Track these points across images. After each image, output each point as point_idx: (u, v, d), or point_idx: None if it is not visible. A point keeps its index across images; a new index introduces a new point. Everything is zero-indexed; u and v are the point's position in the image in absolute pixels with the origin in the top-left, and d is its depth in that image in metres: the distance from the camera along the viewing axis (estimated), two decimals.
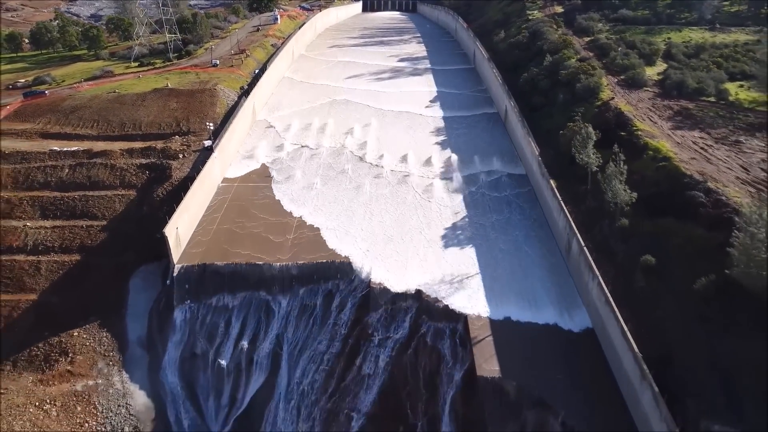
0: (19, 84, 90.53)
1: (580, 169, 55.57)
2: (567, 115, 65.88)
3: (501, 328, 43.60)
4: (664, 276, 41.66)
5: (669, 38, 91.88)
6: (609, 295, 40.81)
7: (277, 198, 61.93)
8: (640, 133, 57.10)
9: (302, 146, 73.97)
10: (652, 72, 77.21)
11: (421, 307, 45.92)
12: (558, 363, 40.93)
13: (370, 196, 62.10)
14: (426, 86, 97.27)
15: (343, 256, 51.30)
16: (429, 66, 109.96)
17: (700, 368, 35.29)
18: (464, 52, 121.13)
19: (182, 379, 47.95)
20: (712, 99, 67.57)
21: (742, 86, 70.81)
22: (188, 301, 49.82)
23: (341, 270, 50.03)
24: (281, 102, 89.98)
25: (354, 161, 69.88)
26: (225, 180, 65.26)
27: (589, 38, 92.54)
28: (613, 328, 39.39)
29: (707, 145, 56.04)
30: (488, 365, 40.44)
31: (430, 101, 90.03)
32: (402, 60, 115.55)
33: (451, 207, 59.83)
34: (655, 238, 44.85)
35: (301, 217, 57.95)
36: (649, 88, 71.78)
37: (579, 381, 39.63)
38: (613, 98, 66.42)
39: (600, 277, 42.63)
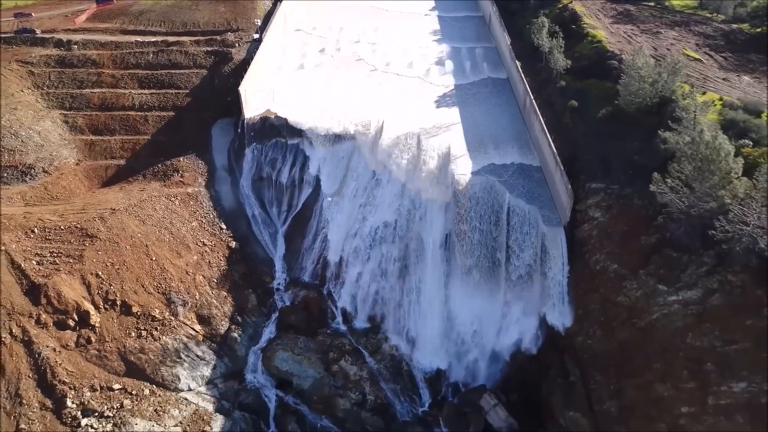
0: None
1: (539, 54, 75.05)
2: (536, 16, 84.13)
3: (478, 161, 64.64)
4: (582, 113, 62.18)
5: None
6: (544, 125, 61.55)
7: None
8: (585, 25, 76.09)
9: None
10: None
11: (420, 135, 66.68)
12: (512, 172, 62.28)
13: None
14: None
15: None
16: None
17: (592, 160, 56.53)
18: None
19: (254, 192, 69.50)
20: (652, 4, 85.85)
21: None
22: (255, 143, 70.52)
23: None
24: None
25: None
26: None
27: None
28: (545, 144, 60.36)
29: (634, 33, 75.18)
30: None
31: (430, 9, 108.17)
32: None
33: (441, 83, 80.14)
34: (582, 91, 65.03)
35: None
36: None
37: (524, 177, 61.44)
38: (571, 2, 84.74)
39: (541, 117, 63.15)
